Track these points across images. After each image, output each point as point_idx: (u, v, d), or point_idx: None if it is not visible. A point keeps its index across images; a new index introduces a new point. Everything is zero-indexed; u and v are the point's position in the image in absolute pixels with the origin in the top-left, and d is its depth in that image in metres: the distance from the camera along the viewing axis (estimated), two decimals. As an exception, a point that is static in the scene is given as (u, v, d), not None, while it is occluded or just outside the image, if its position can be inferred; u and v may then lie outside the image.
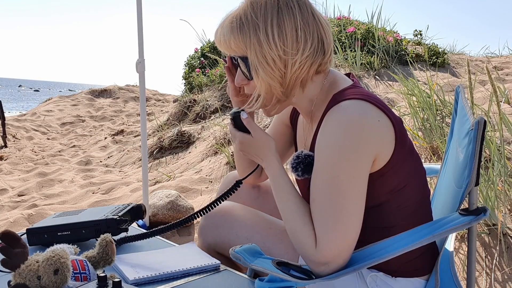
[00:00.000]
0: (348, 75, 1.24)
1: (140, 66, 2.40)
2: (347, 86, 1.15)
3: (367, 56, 5.42)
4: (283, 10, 1.09)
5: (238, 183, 1.31)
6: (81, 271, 1.06)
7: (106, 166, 5.51)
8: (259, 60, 1.10)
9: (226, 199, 1.32)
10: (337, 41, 5.71)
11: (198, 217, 1.34)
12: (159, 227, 1.38)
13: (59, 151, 6.83)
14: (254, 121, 1.23)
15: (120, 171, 5.11)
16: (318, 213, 1.06)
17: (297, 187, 1.38)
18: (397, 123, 1.09)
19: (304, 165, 1.16)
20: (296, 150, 1.41)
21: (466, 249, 1.61)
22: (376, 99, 1.09)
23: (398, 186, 1.12)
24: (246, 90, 1.20)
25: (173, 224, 1.35)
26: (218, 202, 1.31)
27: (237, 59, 1.15)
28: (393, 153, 1.09)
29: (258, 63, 1.10)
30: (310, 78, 1.16)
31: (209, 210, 1.33)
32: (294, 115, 1.41)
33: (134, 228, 1.64)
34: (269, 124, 4.13)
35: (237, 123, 1.22)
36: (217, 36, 1.18)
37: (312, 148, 1.19)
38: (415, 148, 2.86)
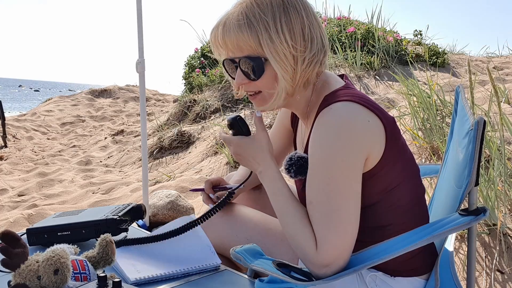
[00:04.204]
0: (341, 76, 1.25)
1: (140, 66, 2.40)
2: (338, 87, 1.16)
3: (367, 56, 5.43)
4: (289, 9, 1.11)
5: (230, 194, 1.35)
6: (81, 271, 1.06)
7: (106, 166, 5.51)
8: (273, 56, 1.10)
9: (220, 209, 1.34)
10: (337, 41, 5.70)
11: (195, 226, 1.34)
12: (158, 234, 1.37)
13: (59, 151, 6.83)
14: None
15: (120, 171, 5.11)
16: (316, 215, 1.06)
17: (294, 189, 1.38)
18: (388, 124, 1.09)
19: (297, 167, 1.17)
20: None
21: (466, 249, 1.61)
22: (366, 100, 1.09)
23: (391, 185, 1.13)
24: (245, 88, 1.19)
25: (172, 231, 1.35)
26: (213, 212, 1.33)
27: (240, 59, 1.13)
28: (383, 153, 1.09)
29: (273, 58, 1.10)
30: (314, 77, 1.17)
31: (205, 220, 1.34)
32: (295, 118, 1.41)
33: (134, 228, 1.63)
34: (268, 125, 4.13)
35: (235, 129, 1.24)
36: (217, 36, 1.15)
37: (306, 150, 1.19)
38: (415, 148, 2.87)
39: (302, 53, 1.12)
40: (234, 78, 1.20)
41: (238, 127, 1.23)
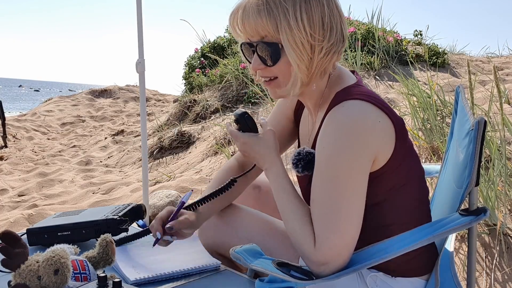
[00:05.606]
0: (352, 72, 1.24)
1: (140, 66, 2.40)
2: (350, 84, 1.16)
3: (367, 56, 5.42)
4: None
5: (232, 182, 1.32)
6: (81, 271, 1.06)
7: (106, 166, 5.51)
8: (290, 43, 1.09)
9: (219, 195, 1.32)
10: (337, 41, 5.69)
11: (193, 210, 1.32)
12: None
13: (59, 151, 6.83)
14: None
15: (120, 171, 5.11)
16: (318, 213, 1.06)
17: (297, 187, 1.38)
18: (398, 124, 1.09)
19: (305, 162, 1.17)
20: (299, 146, 1.40)
21: (466, 249, 1.61)
22: (378, 100, 1.09)
23: (396, 185, 1.13)
24: (261, 74, 1.19)
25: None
26: (211, 198, 1.31)
27: (257, 43, 1.12)
28: (392, 153, 1.09)
29: (289, 46, 1.09)
30: (331, 67, 1.16)
31: (201, 205, 1.32)
32: (299, 110, 1.40)
33: (134, 228, 1.64)
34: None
35: (241, 124, 1.25)
36: (237, 19, 1.14)
37: (314, 145, 1.19)
38: (415, 148, 2.87)
39: (320, 42, 1.11)
40: (251, 62, 1.19)
41: (244, 123, 1.25)
